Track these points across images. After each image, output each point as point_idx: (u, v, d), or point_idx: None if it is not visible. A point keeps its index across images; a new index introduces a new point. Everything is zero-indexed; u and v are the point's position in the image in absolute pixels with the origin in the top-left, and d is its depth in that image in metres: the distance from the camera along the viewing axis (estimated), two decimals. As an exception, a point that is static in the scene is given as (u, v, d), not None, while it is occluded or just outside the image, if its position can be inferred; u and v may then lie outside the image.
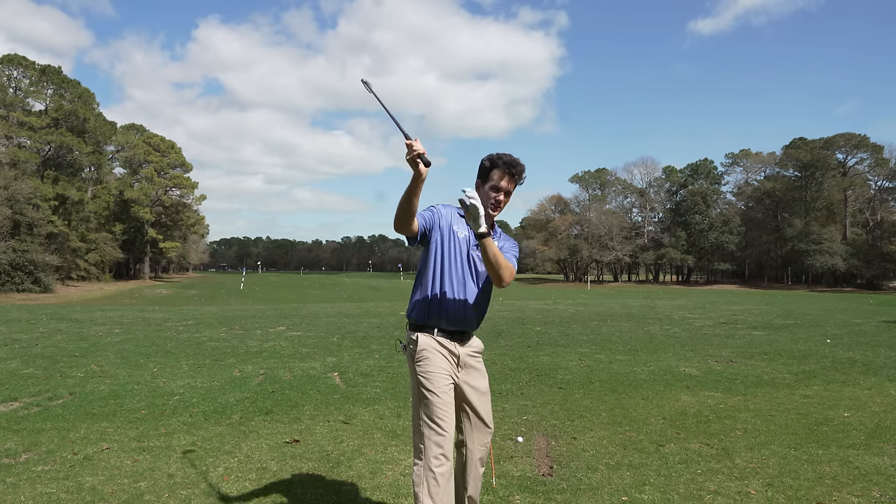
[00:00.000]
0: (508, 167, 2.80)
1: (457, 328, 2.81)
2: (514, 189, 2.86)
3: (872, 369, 7.89)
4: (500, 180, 2.80)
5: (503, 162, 2.80)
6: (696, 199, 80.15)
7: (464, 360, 2.84)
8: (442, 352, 2.78)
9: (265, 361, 8.22)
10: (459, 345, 2.83)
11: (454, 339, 2.81)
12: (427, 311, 2.80)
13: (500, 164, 2.80)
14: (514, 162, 2.81)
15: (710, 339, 11.16)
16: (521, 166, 2.84)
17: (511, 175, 2.81)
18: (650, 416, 5.39)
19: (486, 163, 2.83)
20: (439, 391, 2.69)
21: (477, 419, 2.89)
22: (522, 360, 8.42)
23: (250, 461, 4.12)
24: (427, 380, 2.71)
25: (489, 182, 2.82)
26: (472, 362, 2.88)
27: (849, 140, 72.48)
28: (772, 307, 21.24)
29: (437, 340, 2.78)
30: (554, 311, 18.13)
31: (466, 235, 2.82)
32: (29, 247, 42.67)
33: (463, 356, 2.84)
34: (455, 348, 2.81)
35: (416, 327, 2.83)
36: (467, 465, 2.92)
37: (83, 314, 16.05)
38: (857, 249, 68.00)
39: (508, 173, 2.80)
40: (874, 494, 3.55)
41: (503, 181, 2.80)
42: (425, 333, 2.80)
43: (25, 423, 5.03)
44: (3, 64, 54.31)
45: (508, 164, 2.80)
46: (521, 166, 2.84)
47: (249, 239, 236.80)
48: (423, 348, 2.77)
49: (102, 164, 64.76)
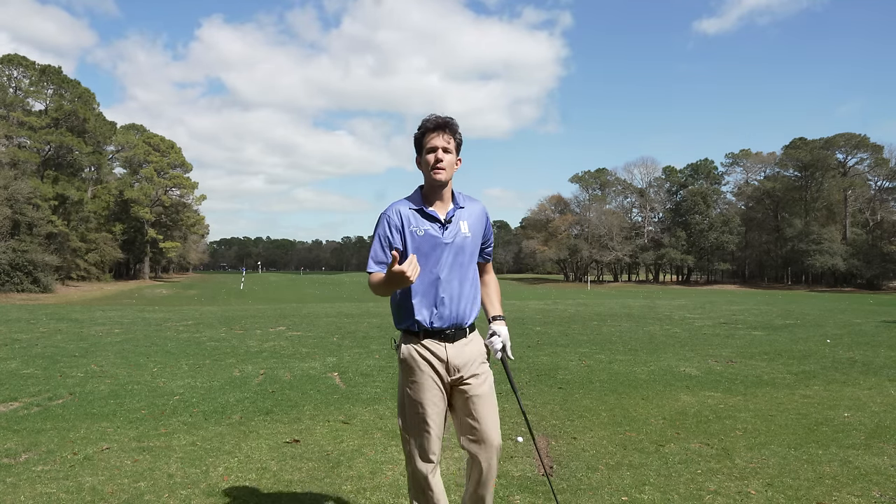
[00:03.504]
0: (436, 125, 2.59)
1: (446, 325, 2.58)
2: (452, 144, 2.60)
3: (872, 369, 7.89)
4: (431, 141, 2.57)
5: (429, 123, 2.60)
6: (696, 199, 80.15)
7: (456, 364, 2.58)
8: (427, 359, 2.58)
9: (265, 361, 8.22)
10: (450, 345, 2.59)
11: (444, 340, 2.58)
12: (408, 311, 2.59)
13: (427, 126, 2.60)
14: (440, 118, 2.60)
15: (710, 339, 11.16)
16: (449, 118, 2.61)
17: (440, 129, 2.58)
18: (650, 416, 5.39)
19: (416, 134, 2.65)
20: (422, 403, 2.55)
21: (477, 431, 2.60)
22: (522, 360, 8.42)
23: (250, 461, 4.11)
24: (411, 390, 2.58)
25: (424, 149, 2.60)
26: (468, 364, 2.62)
27: (849, 140, 72.48)
28: (772, 307, 21.24)
29: (421, 347, 2.58)
30: (554, 311, 18.12)
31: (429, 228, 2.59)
32: (29, 247, 42.68)
33: (454, 359, 2.58)
34: (443, 352, 2.57)
35: (403, 332, 2.65)
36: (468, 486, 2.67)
37: (83, 314, 16.05)
38: (857, 249, 67.99)
39: (437, 130, 2.58)
40: (874, 494, 3.55)
41: (434, 139, 2.57)
42: (410, 340, 2.61)
43: (25, 423, 5.03)
44: (4, 64, 54.34)
45: (434, 122, 2.60)
46: (449, 118, 2.61)
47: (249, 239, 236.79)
48: (404, 357, 2.61)
49: (102, 164, 64.78)
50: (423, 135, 2.59)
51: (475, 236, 2.67)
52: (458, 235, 2.60)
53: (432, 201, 2.63)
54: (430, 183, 2.61)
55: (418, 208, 2.60)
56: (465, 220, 2.65)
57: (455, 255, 2.59)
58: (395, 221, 2.58)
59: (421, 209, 2.59)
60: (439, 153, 2.56)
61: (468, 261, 2.64)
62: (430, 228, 2.58)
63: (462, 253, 2.61)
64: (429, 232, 2.57)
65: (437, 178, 2.56)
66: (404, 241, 2.57)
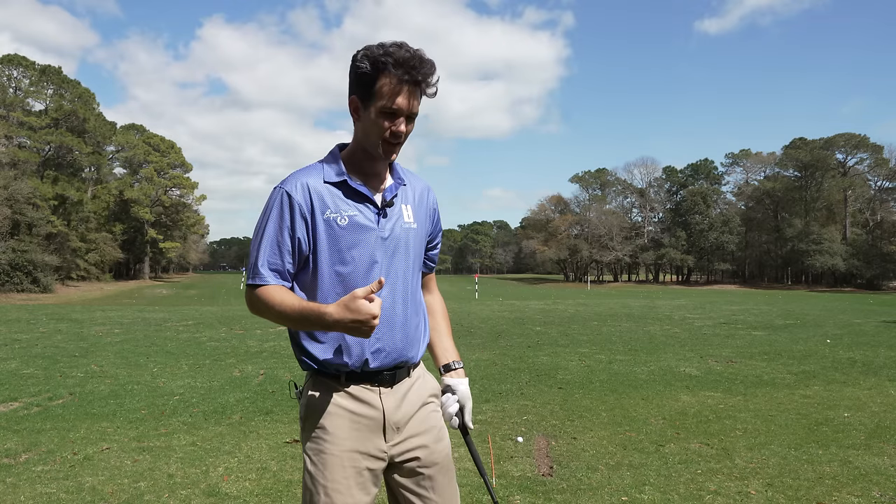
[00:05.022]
0: (408, 75, 1.54)
1: (386, 363, 1.66)
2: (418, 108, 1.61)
3: (872, 369, 7.89)
4: (394, 97, 1.55)
5: (395, 62, 1.52)
6: (696, 200, 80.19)
7: (396, 420, 1.67)
8: (354, 415, 1.63)
9: (265, 361, 8.22)
10: (388, 391, 1.67)
11: (380, 384, 1.66)
12: (324, 342, 1.63)
13: (393, 70, 1.53)
14: (416, 60, 1.54)
15: (710, 339, 11.16)
16: (430, 64, 1.57)
17: (416, 86, 1.57)
18: (650, 416, 5.39)
19: (365, 66, 1.55)
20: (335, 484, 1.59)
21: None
22: (522, 360, 8.42)
23: (250, 461, 4.11)
24: (317, 463, 1.61)
25: (377, 102, 1.57)
26: (415, 417, 1.71)
27: (849, 140, 72.52)
28: (772, 307, 21.24)
29: (343, 397, 1.64)
30: (554, 311, 18.13)
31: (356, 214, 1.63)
32: (28, 247, 42.69)
33: (393, 414, 1.67)
34: (378, 402, 1.65)
35: (313, 375, 1.69)
36: None
37: (83, 314, 16.05)
38: (857, 249, 68.02)
39: (408, 84, 1.55)
40: (874, 494, 3.55)
41: (403, 99, 1.56)
42: (323, 387, 1.65)
43: (25, 423, 5.03)
44: (4, 64, 54.39)
45: (407, 66, 1.53)
46: (430, 64, 1.57)
47: (249, 239, 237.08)
48: (313, 412, 1.64)
49: (102, 165, 64.85)
50: (379, 78, 1.55)
51: (420, 229, 1.75)
52: (400, 225, 1.69)
53: (360, 173, 1.68)
54: (364, 150, 1.66)
55: (339, 181, 1.64)
56: (409, 204, 1.74)
57: (395, 256, 1.68)
58: (299, 202, 1.60)
59: (344, 182, 1.64)
60: (402, 125, 1.59)
61: (413, 265, 1.73)
62: (357, 215, 1.63)
63: (406, 253, 1.70)
64: (356, 220, 1.63)
65: (387, 155, 1.63)
66: (314, 236, 1.61)
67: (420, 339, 1.75)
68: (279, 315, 1.56)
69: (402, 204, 1.72)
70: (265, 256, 1.60)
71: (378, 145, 1.62)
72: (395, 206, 1.69)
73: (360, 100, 1.60)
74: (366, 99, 1.59)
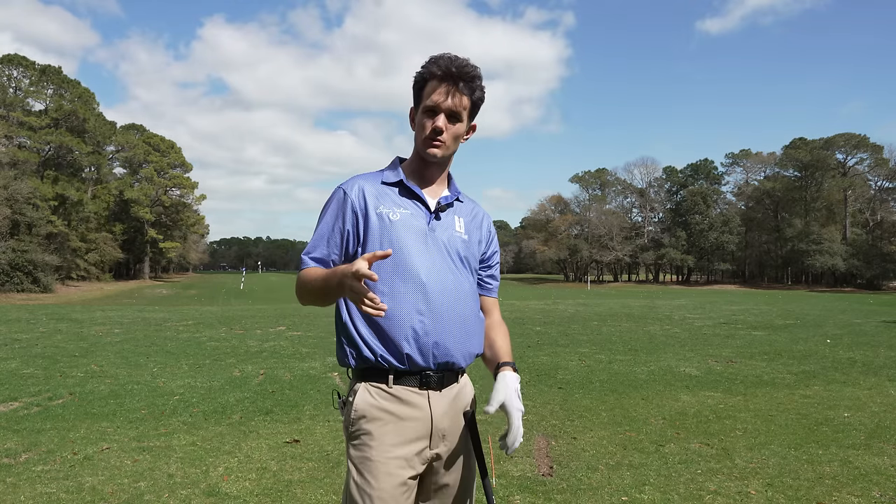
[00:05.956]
0: (446, 72, 1.66)
1: (433, 362, 1.65)
2: (468, 108, 1.70)
3: (872, 369, 7.89)
4: (433, 96, 1.67)
5: (437, 66, 1.67)
6: (697, 200, 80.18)
7: (442, 428, 1.67)
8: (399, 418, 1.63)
9: (265, 361, 8.22)
10: (437, 394, 1.67)
11: (427, 387, 1.66)
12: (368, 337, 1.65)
13: (434, 71, 1.67)
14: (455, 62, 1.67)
15: (710, 339, 11.16)
16: (469, 65, 1.68)
17: (452, 82, 1.66)
18: (650, 416, 5.40)
19: (417, 76, 1.72)
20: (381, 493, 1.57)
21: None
22: (522, 360, 8.42)
23: (250, 461, 4.12)
24: (363, 471, 1.59)
25: (422, 104, 1.70)
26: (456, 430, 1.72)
27: (848, 140, 72.53)
28: (772, 307, 21.24)
29: (389, 399, 1.64)
30: (554, 311, 18.13)
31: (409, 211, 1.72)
32: (28, 247, 42.69)
33: (441, 420, 1.67)
34: (427, 406, 1.65)
35: (359, 375, 1.69)
36: None
37: (83, 314, 16.05)
38: (857, 249, 68.04)
39: (447, 82, 1.66)
40: (874, 494, 3.55)
41: (440, 95, 1.66)
42: (371, 386, 1.65)
43: (25, 423, 5.03)
44: (4, 64, 54.39)
45: (445, 66, 1.66)
46: (469, 65, 1.68)
47: (250, 239, 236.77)
48: (362, 415, 1.64)
49: (102, 165, 64.82)
50: (426, 82, 1.69)
51: (472, 242, 1.80)
52: (451, 232, 1.75)
53: (418, 178, 1.78)
54: (420, 158, 1.76)
55: (395, 181, 1.75)
56: (462, 218, 1.80)
57: (443, 256, 1.71)
58: (353, 198, 1.70)
59: (400, 182, 1.75)
60: (440, 120, 1.67)
61: (464, 271, 1.76)
62: (409, 212, 1.71)
63: (455, 257, 1.74)
64: (407, 216, 1.70)
65: (429, 153, 1.71)
66: (365, 230, 1.68)
67: (471, 345, 1.75)
68: (311, 291, 1.65)
69: (455, 215, 1.79)
70: (312, 246, 1.72)
71: (423, 144, 1.71)
72: (448, 214, 1.77)
73: (414, 107, 1.76)
74: (416, 105, 1.74)
